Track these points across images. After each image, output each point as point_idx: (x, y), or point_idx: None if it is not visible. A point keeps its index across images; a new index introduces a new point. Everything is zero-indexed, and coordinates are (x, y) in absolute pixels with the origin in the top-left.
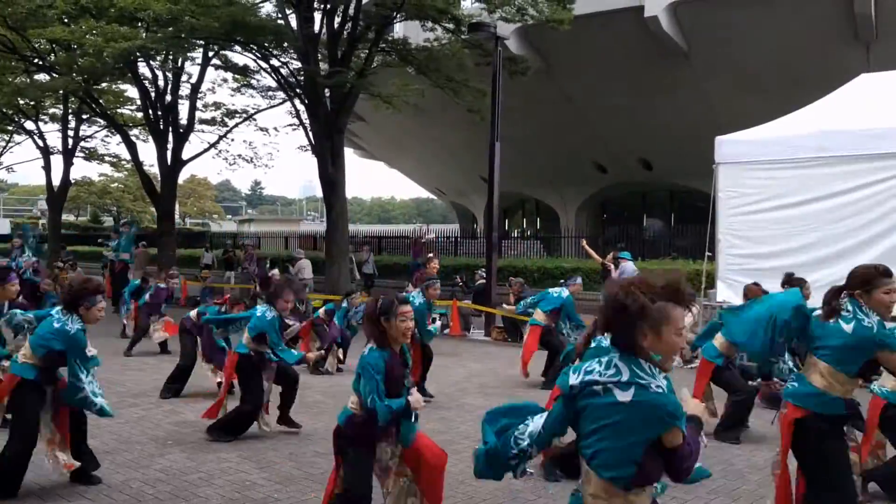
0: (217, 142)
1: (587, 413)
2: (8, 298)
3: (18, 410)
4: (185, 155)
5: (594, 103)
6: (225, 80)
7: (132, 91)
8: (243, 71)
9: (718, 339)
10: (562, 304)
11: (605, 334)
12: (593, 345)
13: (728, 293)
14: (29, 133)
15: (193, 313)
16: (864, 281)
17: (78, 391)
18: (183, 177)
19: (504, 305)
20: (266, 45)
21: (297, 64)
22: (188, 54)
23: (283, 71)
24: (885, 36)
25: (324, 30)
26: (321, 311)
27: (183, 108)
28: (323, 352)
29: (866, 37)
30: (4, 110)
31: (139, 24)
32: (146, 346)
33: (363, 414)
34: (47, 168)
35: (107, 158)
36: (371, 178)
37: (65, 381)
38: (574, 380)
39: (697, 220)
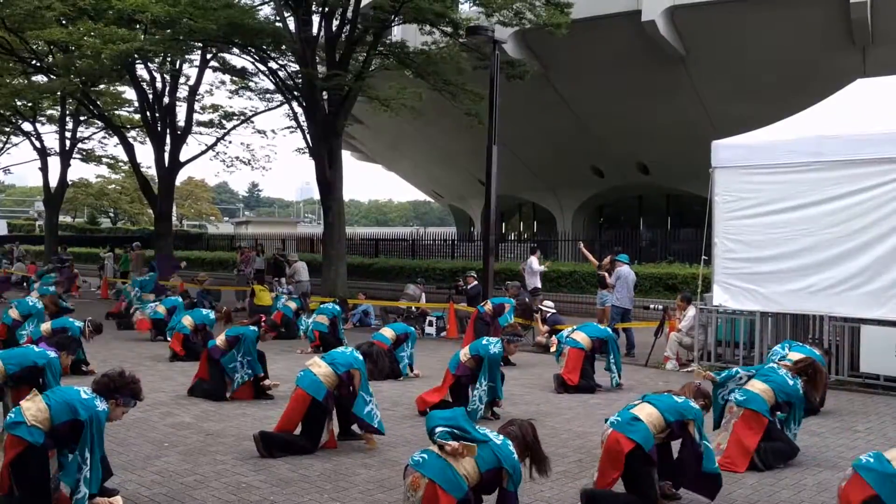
0: (215, 144)
1: None
2: None
3: (26, 478)
4: (182, 157)
5: (591, 107)
6: (223, 83)
7: (130, 93)
8: (241, 73)
9: (765, 391)
10: (607, 337)
11: None
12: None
13: (724, 297)
14: (26, 134)
15: (221, 339)
16: None
17: (78, 472)
18: (180, 179)
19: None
20: (264, 47)
21: (294, 66)
22: (186, 56)
23: (281, 73)
24: (881, 41)
25: (322, 32)
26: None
27: (181, 110)
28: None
29: (862, 42)
30: (2, 111)
31: (137, 26)
32: (142, 350)
33: None
34: (44, 169)
35: (104, 160)
36: (368, 181)
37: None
38: None
39: (694, 224)
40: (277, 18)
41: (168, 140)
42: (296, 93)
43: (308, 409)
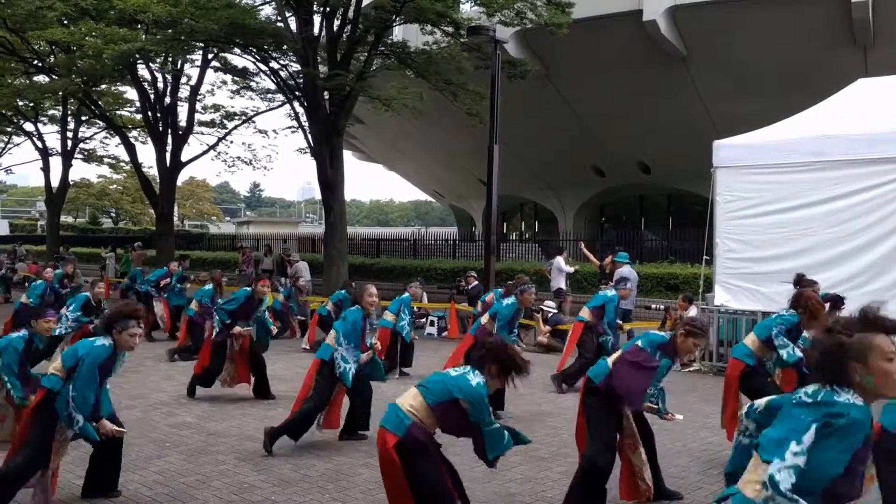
0: (216, 144)
1: None
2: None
3: (37, 423)
4: (183, 157)
5: (593, 107)
6: (224, 83)
7: (131, 93)
8: (242, 73)
9: (750, 338)
10: (605, 301)
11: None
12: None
13: (726, 297)
14: (28, 134)
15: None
16: None
17: (67, 406)
18: (182, 179)
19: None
20: (265, 47)
21: (296, 66)
22: (187, 56)
23: (283, 73)
24: (883, 41)
25: (323, 32)
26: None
27: (182, 110)
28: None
29: (864, 41)
30: (4, 112)
31: (139, 26)
32: (142, 350)
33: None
34: (46, 169)
35: (106, 160)
36: (370, 181)
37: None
38: None
39: (695, 223)
40: (279, 18)
41: (169, 140)
42: (297, 93)
43: (318, 370)
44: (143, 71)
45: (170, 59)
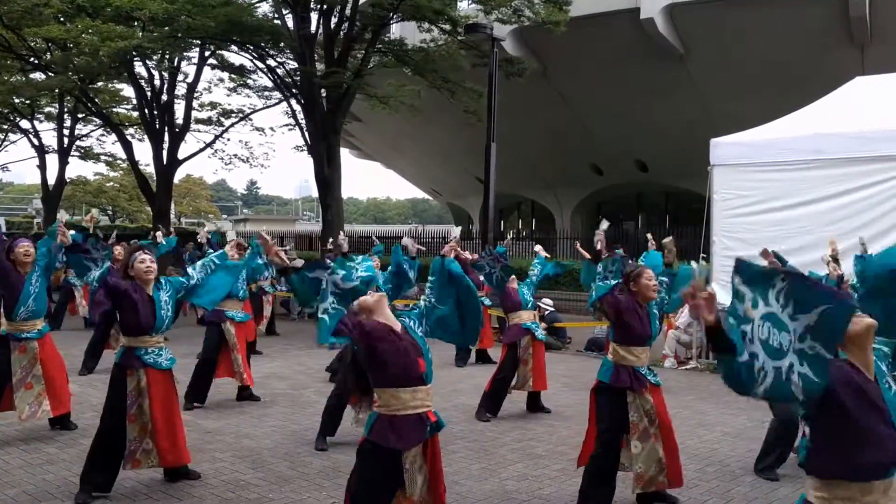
0: (213, 141)
1: None
2: None
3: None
4: (180, 154)
5: (590, 105)
6: (221, 80)
7: (128, 90)
8: (239, 71)
9: None
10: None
11: None
12: None
13: (723, 295)
14: (24, 132)
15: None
16: None
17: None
18: (178, 176)
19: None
20: (262, 44)
21: (293, 64)
22: (184, 54)
23: (280, 71)
24: (880, 39)
25: (320, 30)
26: None
27: (179, 108)
28: None
29: (861, 40)
30: (0, 109)
31: (135, 24)
32: None
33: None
34: (42, 167)
35: (102, 157)
36: (367, 179)
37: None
38: None
39: (692, 221)
40: (276, 16)
41: (166, 137)
42: (294, 90)
43: None
44: (139, 68)
45: (167, 56)
